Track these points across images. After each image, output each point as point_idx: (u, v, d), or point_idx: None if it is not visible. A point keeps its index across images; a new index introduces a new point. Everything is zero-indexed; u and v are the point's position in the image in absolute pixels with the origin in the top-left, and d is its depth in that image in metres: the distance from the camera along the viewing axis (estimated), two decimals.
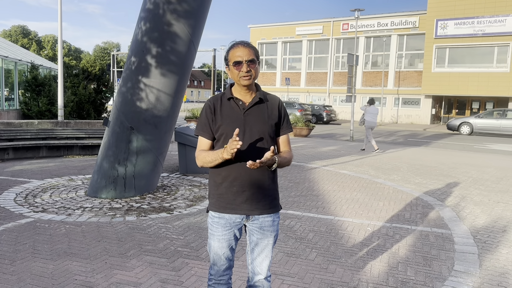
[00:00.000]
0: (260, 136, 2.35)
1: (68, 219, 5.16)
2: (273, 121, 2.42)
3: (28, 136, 10.17)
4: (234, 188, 2.34)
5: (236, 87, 2.40)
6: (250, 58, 2.30)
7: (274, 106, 2.45)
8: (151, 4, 6.20)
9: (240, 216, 2.39)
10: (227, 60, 2.37)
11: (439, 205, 6.45)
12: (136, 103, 6.25)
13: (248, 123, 2.35)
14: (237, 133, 2.12)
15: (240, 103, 2.37)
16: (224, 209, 2.38)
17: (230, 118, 2.35)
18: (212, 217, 2.44)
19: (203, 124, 2.40)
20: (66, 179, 7.53)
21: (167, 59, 6.21)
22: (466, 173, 9.63)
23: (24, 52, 23.05)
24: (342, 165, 10.20)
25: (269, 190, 2.42)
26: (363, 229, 5.10)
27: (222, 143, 2.35)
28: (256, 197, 2.37)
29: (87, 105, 17.02)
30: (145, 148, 6.36)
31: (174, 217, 5.34)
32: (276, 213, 2.47)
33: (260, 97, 2.40)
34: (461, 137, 21.73)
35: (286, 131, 2.50)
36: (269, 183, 2.40)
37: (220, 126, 2.35)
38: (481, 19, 28.16)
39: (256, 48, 2.39)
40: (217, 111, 2.37)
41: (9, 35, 78.25)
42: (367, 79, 35.18)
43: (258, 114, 2.38)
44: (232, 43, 2.37)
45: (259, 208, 2.39)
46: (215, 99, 2.42)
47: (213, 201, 2.43)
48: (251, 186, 2.34)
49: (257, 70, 2.35)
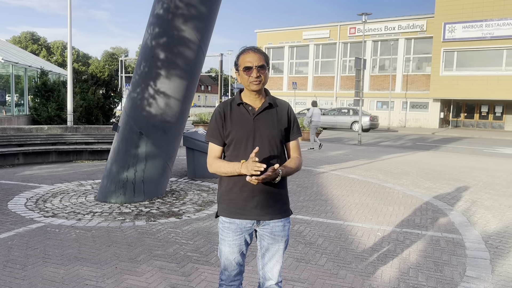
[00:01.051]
0: (269, 141, 2.36)
1: (78, 224, 5.19)
2: (282, 126, 2.42)
3: (38, 141, 10.25)
4: (245, 193, 2.35)
5: (246, 92, 2.42)
6: (260, 64, 2.32)
7: (283, 111, 2.46)
8: (161, 9, 6.25)
9: (251, 221, 2.40)
10: (237, 65, 2.39)
11: (450, 210, 6.39)
12: (145, 108, 6.29)
13: (258, 128, 2.36)
14: (256, 151, 2.15)
15: (250, 108, 2.39)
16: (235, 214, 2.39)
17: (240, 124, 2.36)
18: (223, 222, 2.44)
19: (213, 130, 2.41)
20: (75, 184, 7.57)
21: (176, 64, 6.25)
22: (476, 177, 9.55)
23: (33, 58, 23.29)
24: (350, 169, 10.16)
25: (280, 195, 2.42)
26: (373, 234, 5.07)
27: (232, 149, 2.37)
28: (267, 202, 2.37)
29: (96, 110, 17.14)
30: (154, 153, 6.39)
31: (183, 222, 5.34)
32: (287, 218, 2.47)
33: (270, 102, 2.41)
34: (471, 140, 21.56)
35: (296, 136, 2.50)
36: (279, 188, 2.40)
37: (230, 132, 2.36)
38: (490, 22, 27.99)
39: (266, 53, 2.40)
40: (227, 117, 2.38)
41: (19, 41, 79.17)
42: (375, 83, 35.08)
43: (268, 119, 2.39)
44: (243, 49, 2.39)
45: (269, 213, 2.39)
46: (225, 105, 2.43)
47: (223, 206, 2.43)
48: (262, 191, 2.34)
49: (266, 75, 2.37)
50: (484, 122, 31.60)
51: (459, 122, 32.86)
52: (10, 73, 17.19)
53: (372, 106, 35.11)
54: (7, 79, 17.60)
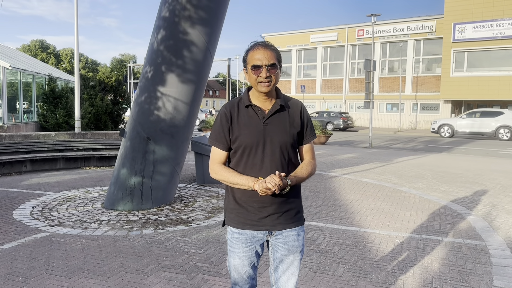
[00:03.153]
0: (281, 147, 2.15)
1: (84, 233, 5.02)
2: (295, 130, 2.21)
3: (45, 148, 10.15)
4: (255, 203, 2.15)
5: (255, 92, 2.19)
6: (271, 63, 2.09)
7: (296, 113, 2.24)
8: (167, 11, 6.09)
9: (262, 232, 2.20)
10: (245, 61, 2.16)
11: (469, 214, 6.13)
12: (153, 113, 6.12)
13: (269, 133, 2.14)
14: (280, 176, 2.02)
15: (259, 111, 2.16)
16: (244, 225, 2.19)
17: (248, 128, 2.14)
18: (232, 233, 2.24)
19: (218, 133, 2.19)
20: (83, 191, 7.43)
21: (183, 67, 6.08)
22: (494, 179, 9.25)
23: (42, 65, 23.36)
24: (363, 173, 9.91)
25: (292, 203, 2.22)
26: (391, 241, 4.83)
27: (240, 156, 2.16)
28: (279, 211, 2.17)
29: (104, 116, 17.08)
30: (162, 158, 6.21)
31: (192, 230, 5.15)
32: (301, 226, 2.27)
33: (281, 104, 2.19)
34: (483, 142, 21.14)
35: (310, 139, 2.29)
36: (292, 196, 2.20)
37: (237, 137, 2.15)
38: (500, 21, 27.55)
39: (277, 50, 2.17)
40: (234, 119, 2.16)
41: (29, 49, 79.94)
42: (384, 85, 34.72)
43: (279, 123, 2.17)
44: (252, 44, 2.16)
45: (282, 222, 2.19)
46: (231, 106, 2.20)
47: (231, 216, 2.23)
48: (273, 201, 2.14)
49: (277, 75, 2.14)
50: None
51: None
52: (18, 80, 17.19)
53: (382, 108, 34.74)
54: (16, 86, 17.61)
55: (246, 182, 2.07)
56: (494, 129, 22.95)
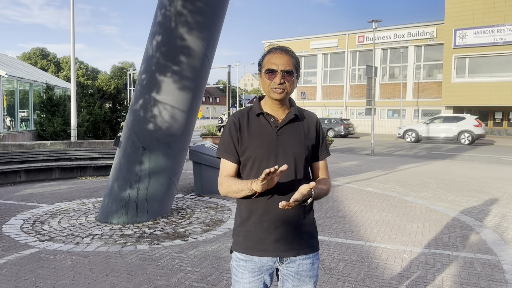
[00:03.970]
0: (295, 160, 1.92)
1: (75, 249, 4.77)
2: (310, 142, 1.98)
3: (41, 158, 9.91)
4: (265, 224, 1.90)
5: (267, 101, 1.98)
6: (287, 69, 1.89)
7: (311, 125, 2.02)
8: (163, 17, 5.88)
9: (272, 259, 1.94)
10: (260, 65, 1.97)
11: (479, 226, 5.87)
12: (148, 122, 5.89)
13: (282, 144, 1.92)
14: (284, 169, 1.67)
15: (272, 119, 1.95)
16: (252, 250, 1.93)
17: (259, 138, 1.92)
18: (238, 260, 1.98)
19: (226, 144, 1.97)
20: (77, 203, 7.18)
21: (180, 74, 5.86)
22: (500, 188, 8.99)
23: (40, 73, 23.18)
24: (366, 181, 9.65)
25: (306, 226, 1.97)
26: (399, 257, 4.57)
27: (250, 169, 1.93)
28: (291, 234, 1.92)
29: (103, 125, 16.87)
30: (158, 169, 5.97)
31: (189, 245, 4.89)
32: (315, 254, 2.02)
33: (296, 114, 1.98)
34: (486, 148, 20.89)
35: (325, 156, 2.07)
36: (306, 217, 1.96)
37: (247, 148, 1.92)
38: (502, 27, 27.39)
39: (297, 57, 1.96)
40: (243, 128, 1.94)
41: (29, 57, 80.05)
42: (385, 91, 34.53)
43: (293, 133, 1.95)
44: (270, 48, 1.96)
45: (294, 248, 1.94)
46: (241, 115, 1.99)
47: (239, 239, 1.97)
48: (285, 222, 1.90)
49: (293, 83, 1.92)
50: (499, 129, 30.80)
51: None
52: (15, 88, 16.99)
53: (383, 115, 34.52)
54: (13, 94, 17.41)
55: (244, 185, 1.81)
56: (456, 133, 23.50)
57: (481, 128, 23.13)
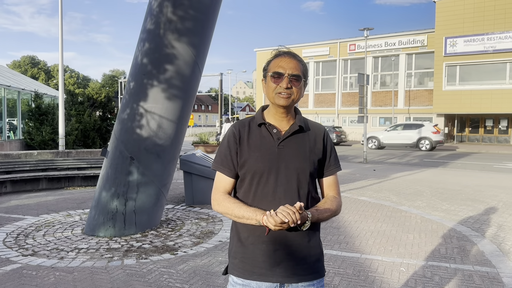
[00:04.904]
0: (299, 176, 1.76)
1: (59, 264, 4.56)
2: (316, 157, 1.82)
3: (27, 167, 9.66)
4: (264, 245, 1.73)
5: (270, 110, 1.83)
6: (295, 73, 1.74)
7: (318, 138, 1.86)
8: (152, 24, 5.74)
9: (272, 284, 1.76)
10: (265, 71, 1.82)
11: (475, 236, 5.75)
12: (137, 131, 5.71)
13: (284, 158, 1.76)
14: (299, 207, 1.58)
15: (275, 131, 1.80)
16: (251, 274, 1.76)
17: (260, 151, 1.76)
18: (234, 284, 1.81)
19: (224, 156, 1.81)
20: (63, 215, 6.95)
21: (169, 82, 5.70)
22: (495, 196, 8.90)
23: (29, 81, 22.87)
24: (359, 190, 9.53)
25: (311, 249, 1.79)
26: (396, 270, 4.42)
27: (248, 184, 1.77)
28: (294, 258, 1.75)
29: (93, 133, 16.65)
30: (147, 180, 5.78)
31: (178, 259, 4.71)
32: (320, 280, 1.84)
33: (300, 125, 1.82)
34: (478, 155, 20.91)
35: (334, 171, 1.90)
36: (311, 239, 1.79)
37: (246, 161, 1.76)
38: (491, 35, 27.64)
39: (305, 63, 1.81)
40: (243, 140, 1.79)
41: (19, 65, 79.43)
42: (377, 99, 34.64)
43: (297, 146, 1.80)
44: (277, 53, 1.82)
45: (296, 273, 1.76)
46: (242, 125, 1.83)
47: (235, 261, 1.80)
48: (287, 244, 1.73)
49: (300, 90, 1.78)
50: (490, 137, 30.99)
51: (464, 137, 32.23)
52: (2, 96, 16.69)
53: (375, 122, 34.58)
54: None
55: (253, 215, 1.66)
56: (415, 140, 24.20)
57: (439, 135, 23.98)
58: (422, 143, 24.03)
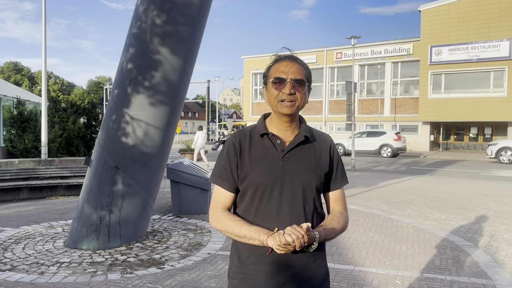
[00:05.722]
0: (304, 190, 1.62)
1: (39, 280, 4.32)
2: (322, 170, 1.68)
3: (8, 176, 9.34)
4: (266, 265, 1.59)
5: (273, 119, 1.69)
6: (298, 78, 1.61)
7: (324, 149, 1.72)
8: (138, 29, 5.56)
9: None
10: (266, 77, 1.68)
11: (469, 247, 5.66)
12: (122, 139, 5.51)
13: (289, 171, 1.62)
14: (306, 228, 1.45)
15: (278, 142, 1.65)
16: None
17: (262, 164, 1.62)
18: None
19: (223, 168, 1.66)
20: (45, 226, 6.68)
21: (156, 88, 5.52)
22: (484, 204, 8.88)
23: (11, 88, 22.40)
24: (349, 199, 9.41)
25: (317, 269, 1.65)
26: (391, 283, 4.29)
27: (250, 199, 1.62)
28: (298, 279, 1.60)
29: (77, 141, 16.27)
30: (132, 190, 5.57)
31: (165, 274, 4.50)
32: None
33: (306, 135, 1.68)
34: (464, 163, 21.06)
35: (341, 184, 1.76)
36: (316, 260, 1.64)
37: (248, 174, 1.62)
38: (475, 44, 28.05)
39: (308, 67, 1.67)
40: (244, 151, 1.64)
41: (1, 71, 78.17)
42: (363, 107, 34.82)
43: (303, 159, 1.65)
44: (278, 57, 1.68)
45: None
46: (242, 135, 1.69)
47: (234, 282, 1.65)
48: (291, 264, 1.59)
49: (304, 96, 1.65)
50: (474, 144, 31.33)
51: (449, 144, 32.53)
52: None
53: (362, 130, 34.69)
54: None
55: (256, 235, 1.52)
56: (377, 147, 24.95)
57: (400, 142, 24.63)
58: (384, 150, 24.69)
